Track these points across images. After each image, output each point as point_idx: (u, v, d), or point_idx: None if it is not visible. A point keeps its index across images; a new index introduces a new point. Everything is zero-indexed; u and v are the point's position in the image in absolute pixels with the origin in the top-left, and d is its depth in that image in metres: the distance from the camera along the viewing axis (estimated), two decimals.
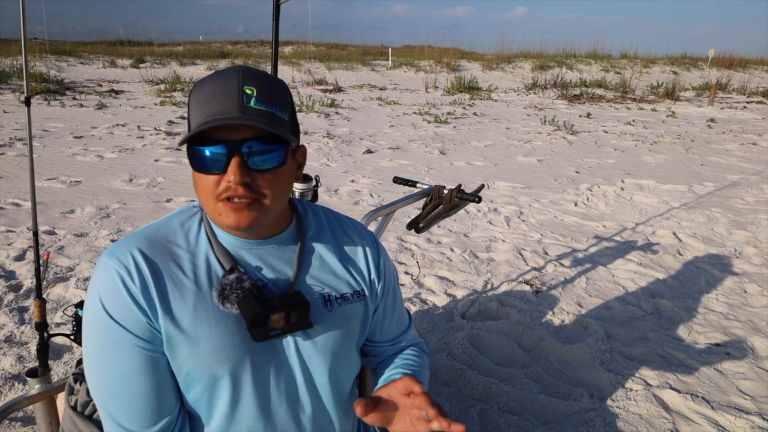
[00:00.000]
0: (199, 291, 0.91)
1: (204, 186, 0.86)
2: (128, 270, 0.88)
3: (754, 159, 7.25)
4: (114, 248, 0.91)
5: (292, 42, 24.85)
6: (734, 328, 2.76)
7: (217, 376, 0.92)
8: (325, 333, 0.99)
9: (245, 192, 0.84)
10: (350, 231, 1.09)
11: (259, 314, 0.88)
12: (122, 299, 0.87)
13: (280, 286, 0.97)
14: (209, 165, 0.84)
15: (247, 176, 0.83)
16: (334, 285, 1.02)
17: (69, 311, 2.64)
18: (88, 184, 5.04)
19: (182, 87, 13.30)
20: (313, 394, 1.00)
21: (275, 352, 0.96)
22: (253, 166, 0.84)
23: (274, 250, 0.98)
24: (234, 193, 0.84)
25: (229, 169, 0.83)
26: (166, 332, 0.89)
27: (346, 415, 1.09)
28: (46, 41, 18.81)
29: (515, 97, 14.39)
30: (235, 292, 0.89)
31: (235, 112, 0.82)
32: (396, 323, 1.16)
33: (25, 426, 1.91)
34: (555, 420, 2.03)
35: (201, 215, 0.98)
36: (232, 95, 0.83)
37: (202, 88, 0.86)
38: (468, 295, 3.03)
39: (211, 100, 0.83)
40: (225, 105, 0.82)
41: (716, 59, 22.34)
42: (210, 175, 0.85)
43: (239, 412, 0.95)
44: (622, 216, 4.66)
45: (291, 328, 0.92)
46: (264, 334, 0.90)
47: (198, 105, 0.85)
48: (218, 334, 0.90)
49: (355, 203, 4.80)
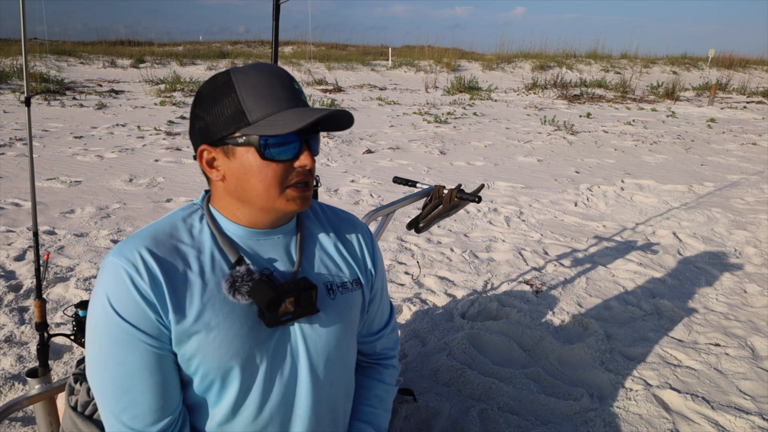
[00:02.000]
0: (207, 284, 0.93)
1: (271, 174, 0.90)
2: (137, 268, 0.89)
3: (754, 159, 7.25)
4: (120, 248, 0.92)
5: (292, 42, 24.85)
6: (734, 328, 2.76)
7: (227, 367, 0.93)
8: (329, 320, 1.02)
9: (311, 177, 0.94)
10: (345, 222, 1.14)
11: (274, 298, 0.91)
12: (131, 297, 0.88)
13: (285, 274, 1.00)
14: (286, 152, 0.89)
15: (313, 162, 0.92)
16: (335, 273, 1.06)
17: (69, 311, 2.64)
18: (88, 184, 5.04)
19: (182, 87, 13.30)
20: (315, 379, 1.02)
21: (282, 341, 0.98)
22: (316, 153, 0.93)
23: (278, 241, 1.01)
24: (308, 178, 0.93)
25: (301, 157, 0.90)
26: (177, 328, 0.90)
27: (346, 399, 1.12)
28: (46, 41, 18.80)
29: (515, 97, 14.39)
30: (246, 283, 0.91)
31: (305, 104, 0.91)
32: (380, 314, 1.21)
33: (25, 426, 1.91)
34: (555, 420, 2.03)
35: (201, 212, 1.00)
36: (293, 90, 0.91)
37: (256, 78, 0.90)
38: (468, 295, 3.03)
39: (275, 93, 0.89)
40: (295, 98, 0.90)
41: (716, 59, 22.34)
42: (281, 162, 0.89)
43: (246, 400, 0.97)
44: (622, 216, 4.66)
45: (301, 312, 0.95)
46: (276, 319, 0.93)
47: (258, 96, 0.88)
48: (227, 325, 0.92)
49: (355, 203, 4.81)
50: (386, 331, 1.22)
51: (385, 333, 1.22)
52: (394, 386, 1.24)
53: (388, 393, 1.22)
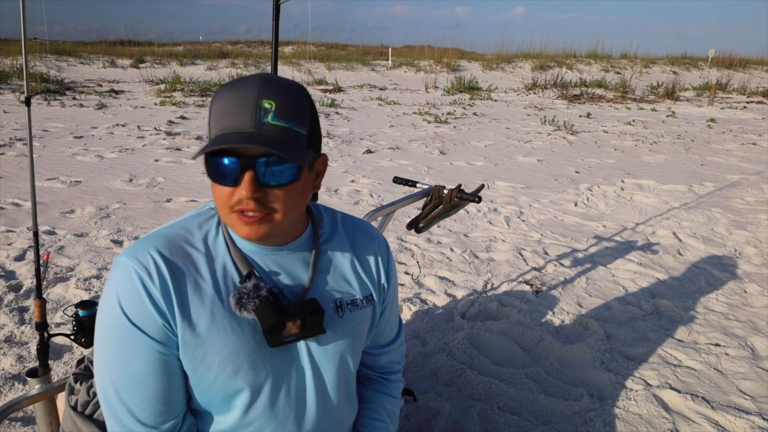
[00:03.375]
0: (217, 295, 0.91)
1: (219, 196, 0.86)
2: (148, 271, 0.88)
3: (754, 159, 7.25)
4: (133, 249, 0.91)
5: (292, 42, 24.85)
6: (734, 328, 2.76)
7: (231, 381, 0.93)
8: (336, 338, 1.01)
9: (256, 207, 0.84)
10: (364, 235, 1.10)
11: (276, 323, 0.89)
12: (141, 301, 0.87)
13: (295, 291, 0.98)
14: (223, 177, 0.84)
15: (258, 192, 0.83)
16: (346, 290, 1.03)
17: (69, 311, 2.64)
18: (88, 184, 5.04)
19: (182, 87, 13.30)
20: (322, 395, 1.01)
21: (288, 358, 0.97)
22: (265, 182, 0.84)
23: (290, 256, 0.99)
24: (246, 207, 0.84)
25: (241, 183, 0.82)
26: (183, 335, 0.89)
27: (351, 411, 1.12)
28: (46, 41, 18.80)
29: (515, 97, 14.39)
30: (252, 300, 0.90)
31: (250, 127, 0.81)
32: (389, 328, 1.18)
33: (25, 426, 1.91)
34: (555, 420, 2.03)
35: (218, 218, 0.99)
36: (249, 109, 0.82)
37: (222, 96, 0.85)
38: (468, 295, 3.03)
39: (228, 111, 0.83)
40: (241, 119, 0.82)
41: (716, 59, 22.34)
42: (224, 186, 0.85)
43: (251, 415, 0.96)
44: (622, 216, 4.66)
45: (305, 334, 0.94)
46: (279, 340, 0.92)
47: (216, 115, 0.85)
48: (234, 338, 0.91)
49: (355, 203, 4.81)
50: (393, 347, 1.20)
51: (392, 348, 1.20)
52: (400, 399, 1.23)
53: (395, 406, 1.21)
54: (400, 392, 1.24)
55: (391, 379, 1.22)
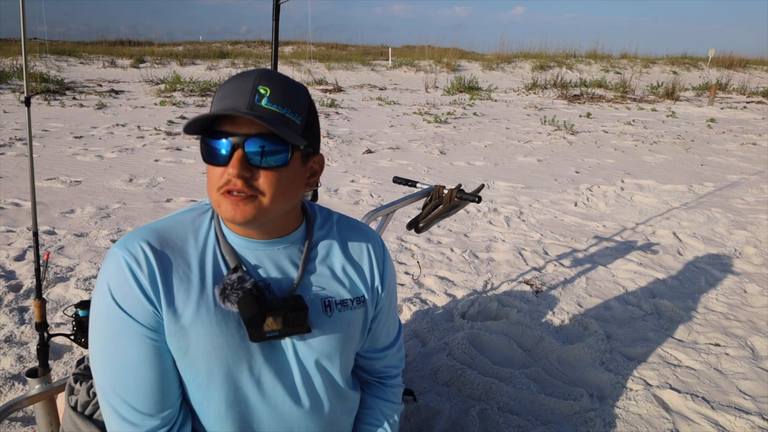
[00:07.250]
0: (204, 288, 0.92)
1: (210, 177, 0.88)
2: (137, 260, 0.89)
3: (754, 159, 7.25)
4: (124, 240, 0.93)
5: (292, 42, 24.85)
6: (734, 328, 2.76)
7: (213, 374, 0.92)
8: (324, 338, 0.99)
9: (243, 186, 0.85)
10: (359, 237, 1.09)
11: (255, 315, 0.89)
12: (130, 288, 0.88)
13: (283, 288, 0.97)
14: (215, 157, 0.86)
15: (246, 171, 0.85)
16: (336, 290, 1.02)
17: (69, 311, 2.64)
18: (88, 184, 5.04)
19: (182, 87, 13.30)
20: (311, 396, 1.00)
21: (274, 354, 0.96)
22: (254, 163, 0.85)
23: (281, 252, 0.98)
24: (233, 186, 0.85)
25: (230, 162, 0.84)
26: (168, 325, 0.90)
27: (346, 414, 1.10)
28: (46, 41, 18.80)
29: (515, 97, 14.39)
30: (236, 291, 0.90)
31: (244, 108, 0.84)
32: (386, 332, 1.17)
33: (25, 426, 1.91)
34: (555, 420, 2.03)
35: (212, 213, 1.00)
36: (245, 93, 0.85)
37: (223, 85, 0.88)
38: (468, 295, 3.03)
39: (225, 96, 0.86)
40: (236, 101, 0.84)
41: (716, 59, 22.34)
42: (216, 166, 0.87)
43: (233, 412, 0.95)
44: (622, 216, 4.66)
45: (288, 331, 0.93)
46: (260, 335, 0.91)
47: (216, 100, 0.87)
48: (218, 331, 0.91)
49: (355, 203, 4.81)
50: (391, 351, 1.19)
51: (390, 352, 1.18)
52: (400, 404, 1.21)
53: (394, 411, 1.19)
54: (399, 397, 1.22)
55: (389, 384, 1.21)
